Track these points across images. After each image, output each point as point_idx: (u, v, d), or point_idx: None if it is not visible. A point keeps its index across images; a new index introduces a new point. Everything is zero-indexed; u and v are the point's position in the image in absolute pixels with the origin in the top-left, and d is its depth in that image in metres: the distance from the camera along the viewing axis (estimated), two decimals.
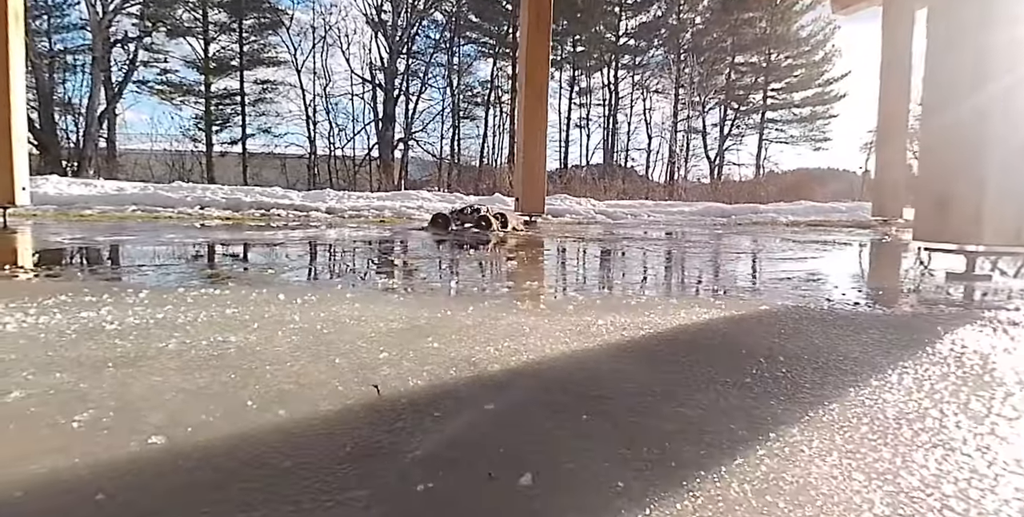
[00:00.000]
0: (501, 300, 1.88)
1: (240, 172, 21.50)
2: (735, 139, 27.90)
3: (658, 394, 1.00)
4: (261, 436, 0.79)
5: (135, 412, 0.84)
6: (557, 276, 2.67)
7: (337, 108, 25.95)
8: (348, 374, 1.05)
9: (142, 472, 0.68)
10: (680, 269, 3.03)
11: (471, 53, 25.96)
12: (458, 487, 0.66)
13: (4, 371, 1.01)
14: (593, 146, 27.23)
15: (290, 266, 2.67)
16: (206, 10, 21.28)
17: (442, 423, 0.84)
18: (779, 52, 27.27)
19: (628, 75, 27.67)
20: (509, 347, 1.26)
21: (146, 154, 19.84)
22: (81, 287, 1.86)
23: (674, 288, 2.37)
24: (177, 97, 21.40)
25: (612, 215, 9.75)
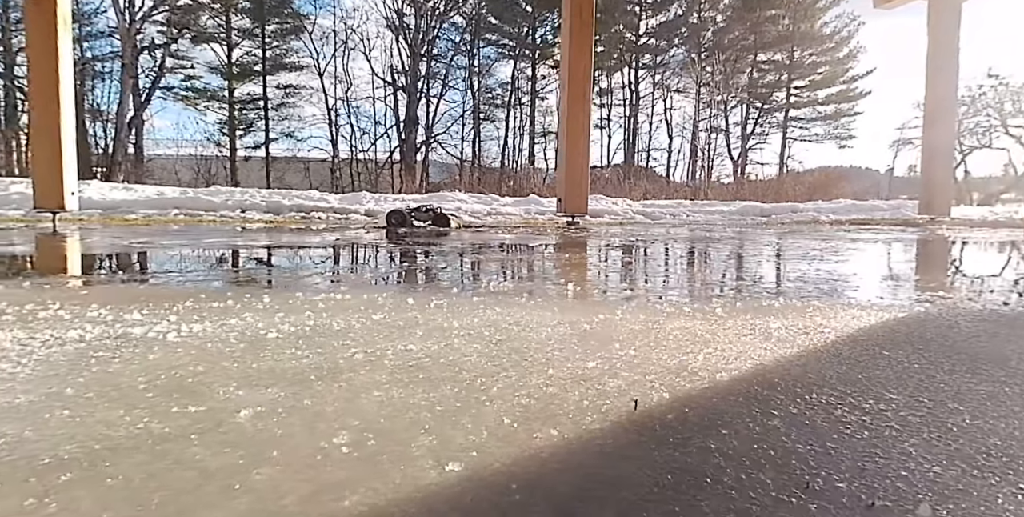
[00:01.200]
0: (635, 303, 1.77)
1: (263, 176, 21.58)
2: (758, 138, 27.60)
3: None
4: (551, 456, 0.69)
5: (391, 433, 0.75)
6: (652, 278, 2.56)
7: (359, 111, 26.02)
8: (573, 386, 0.94)
9: (469, 504, 0.58)
10: (777, 269, 2.91)
11: (491, 55, 25.92)
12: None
13: (208, 385, 0.92)
14: (614, 147, 27.06)
15: (379, 269, 2.58)
16: (229, 16, 21.39)
17: (725, 437, 0.74)
18: (802, 49, 26.93)
19: (649, 75, 27.50)
20: (711, 355, 1.15)
21: (172, 159, 19.97)
22: (195, 293, 1.78)
23: (795, 289, 2.25)
24: (202, 102, 21.53)
25: (650, 215, 9.62)
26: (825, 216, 9.82)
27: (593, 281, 2.34)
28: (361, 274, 2.36)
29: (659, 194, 17.95)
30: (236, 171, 21.22)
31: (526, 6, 25.40)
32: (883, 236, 5.34)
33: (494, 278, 2.33)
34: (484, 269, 2.65)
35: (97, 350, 1.10)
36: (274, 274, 2.40)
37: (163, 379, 0.94)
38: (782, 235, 5.42)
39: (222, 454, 0.68)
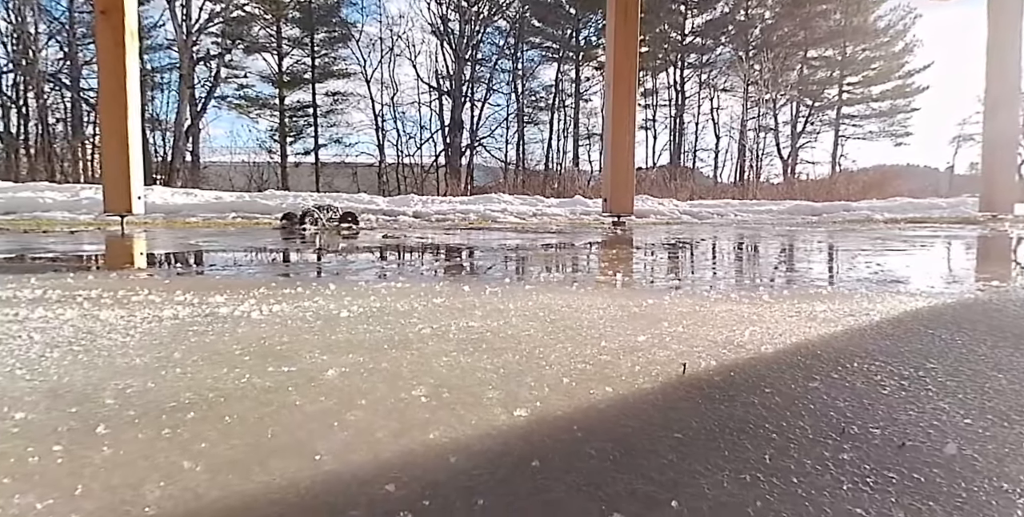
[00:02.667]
0: (682, 291, 1.83)
1: (313, 181, 22.14)
2: (809, 136, 26.98)
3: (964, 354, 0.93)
4: (608, 408, 0.76)
5: (464, 388, 0.84)
6: (699, 270, 2.60)
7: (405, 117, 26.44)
8: (625, 355, 1.02)
9: (541, 443, 0.66)
10: (825, 263, 2.91)
11: (535, 58, 26.03)
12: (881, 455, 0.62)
13: (295, 351, 1.02)
14: (660, 148, 26.83)
15: (434, 264, 2.69)
16: (280, 26, 22.07)
17: (768, 397, 0.80)
18: (855, 44, 26.21)
19: (695, 74, 27.19)
20: (757, 331, 1.21)
21: (227, 166, 20.67)
22: (266, 282, 1.91)
23: (843, 280, 2.26)
24: (254, 110, 22.27)
25: (697, 215, 9.55)
26: (879, 215, 9.58)
27: (641, 273, 2.40)
28: (418, 268, 2.48)
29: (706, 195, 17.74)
30: (287, 177, 21.83)
31: (569, 8, 25.45)
32: (940, 233, 5.22)
33: (542, 271, 2.41)
34: (532, 266, 2.73)
35: (191, 325, 1.23)
36: (335, 267, 2.53)
37: (254, 347, 1.05)
38: (832, 233, 5.34)
39: (318, 401, 0.78)
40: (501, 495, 0.55)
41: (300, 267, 2.59)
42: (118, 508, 0.51)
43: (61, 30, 16.90)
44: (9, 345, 1.03)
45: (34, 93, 16.03)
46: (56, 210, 6.15)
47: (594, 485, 0.56)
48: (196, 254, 3.20)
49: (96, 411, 0.74)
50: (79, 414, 0.73)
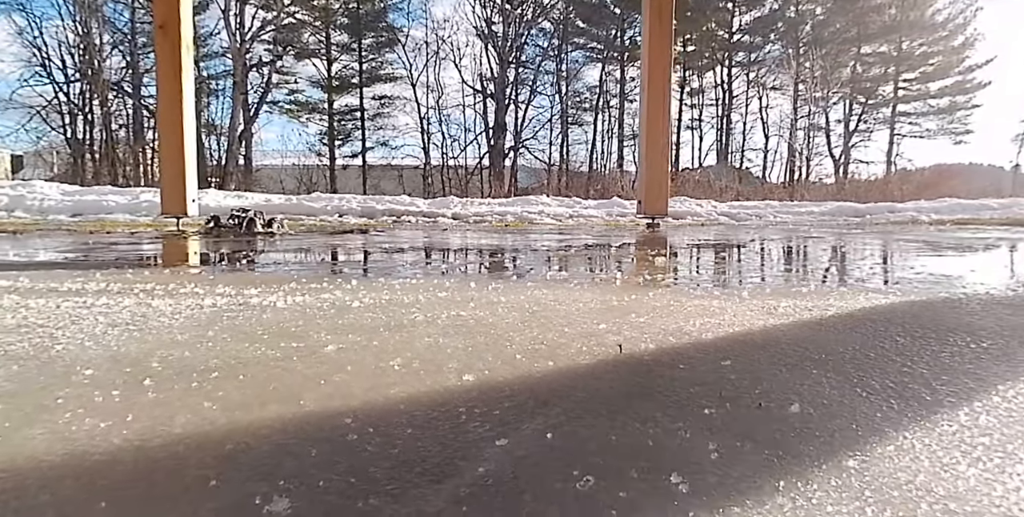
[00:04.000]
0: (671, 288, 1.99)
1: (360, 184, 22.72)
2: (862, 135, 26.28)
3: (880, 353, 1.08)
4: (547, 380, 0.95)
5: (432, 361, 1.03)
6: (701, 270, 2.73)
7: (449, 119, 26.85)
8: (580, 338, 1.20)
9: (475, 398, 0.85)
10: (829, 265, 3.00)
11: (579, 59, 26.10)
12: (736, 414, 0.79)
13: (305, 332, 1.24)
14: (706, 148, 26.55)
15: (454, 263, 2.90)
16: (329, 32, 22.73)
17: (683, 372, 0.97)
18: (912, 39, 25.41)
19: (742, 73, 26.81)
20: (710, 322, 1.37)
21: (277, 169, 21.41)
22: (297, 278, 2.15)
23: (834, 280, 2.38)
24: (304, 115, 23.00)
25: (735, 216, 9.54)
26: (926, 216, 9.39)
27: (643, 272, 2.56)
28: (432, 264, 2.69)
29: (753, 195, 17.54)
30: (335, 179, 22.47)
31: (614, 8, 25.44)
32: (980, 235, 5.18)
33: (551, 270, 2.59)
34: (543, 265, 2.91)
35: (226, 311, 1.46)
36: (364, 265, 2.77)
37: (273, 328, 1.27)
38: (864, 235, 5.35)
39: (314, 367, 0.99)
40: (428, 429, 0.74)
41: (334, 265, 2.83)
42: (157, 427, 0.73)
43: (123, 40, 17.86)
44: (80, 325, 1.28)
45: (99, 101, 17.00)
46: (118, 212, 6.62)
47: (505, 425, 0.75)
48: (240, 253, 3.49)
49: (144, 371, 0.96)
50: (131, 373, 0.95)
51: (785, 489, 0.60)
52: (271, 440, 0.71)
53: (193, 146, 6.37)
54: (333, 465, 0.65)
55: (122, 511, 0.56)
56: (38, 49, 17.17)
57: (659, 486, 0.60)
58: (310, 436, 0.72)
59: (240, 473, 0.63)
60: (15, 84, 16.94)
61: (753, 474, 0.63)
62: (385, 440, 0.71)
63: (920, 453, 0.68)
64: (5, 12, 16.80)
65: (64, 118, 17.11)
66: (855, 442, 0.71)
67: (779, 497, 0.58)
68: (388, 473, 0.63)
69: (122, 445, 0.69)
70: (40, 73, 17.15)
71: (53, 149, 17.27)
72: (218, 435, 0.72)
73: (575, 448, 0.69)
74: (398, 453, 0.68)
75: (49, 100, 17.03)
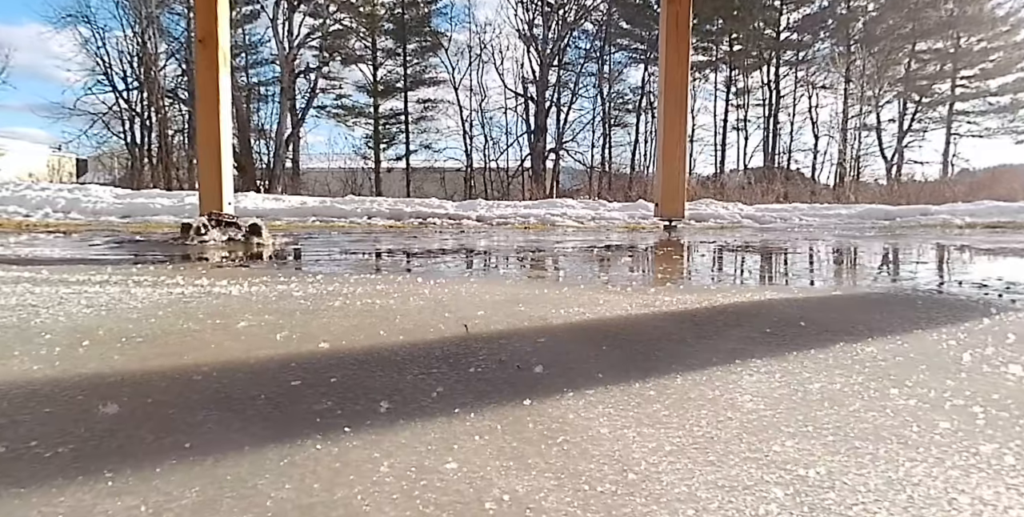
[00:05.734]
0: (591, 284, 2.23)
1: (404, 186, 23.31)
2: (916, 135, 25.48)
3: (686, 336, 1.32)
4: (388, 347, 1.23)
5: (312, 335, 1.32)
6: (664, 268, 2.95)
7: (492, 122, 27.25)
8: (452, 322, 1.47)
9: (318, 359, 1.14)
10: (784, 265, 3.18)
11: (622, 60, 26.13)
12: (498, 371, 1.05)
13: (235, 313, 1.54)
14: (752, 149, 26.17)
15: (428, 263, 3.19)
16: (375, 38, 23.42)
17: (505, 344, 1.23)
18: (970, 35, 24.50)
19: (791, 72, 26.33)
20: (579, 311, 1.62)
21: (324, 172, 22.16)
22: (276, 273, 2.48)
23: (752, 279, 2.57)
24: (350, 119, 23.75)
25: (759, 219, 9.55)
26: (959, 219, 9.22)
27: (599, 271, 2.80)
28: (402, 262, 2.99)
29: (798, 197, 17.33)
30: (380, 182, 23.13)
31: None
32: (995, 238, 5.19)
33: (516, 269, 2.85)
34: (512, 265, 3.17)
35: (187, 298, 1.78)
36: (339, 263, 3.09)
37: (212, 311, 1.59)
38: (868, 239, 5.43)
39: (217, 336, 1.29)
40: (255, 377, 1.03)
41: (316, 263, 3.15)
42: (72, 369, 1.04)
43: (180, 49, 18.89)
44: (64, 306, 1.62)
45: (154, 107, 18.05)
46: (164, 214, 7.16)
47: (317, 373, 1.04)
48: (248, 251, 3.87)
49: (89, 337, 1.28)
50: (79, 338, 1.27)
51: (477, 402, 0.86)
52: (142, 377, 1.01)
53: (229, 152, 6.84)
54: (164, 390, 0.94)
55: (30, 417, 0.86)
56: (101, 59, 18.38)
57: (402, 399, 0.87)
58: (165, 376, 1.02)
59: (97, 394, 0.92)
60: (80, 92, 18.18)
61: (472, 399, 0.89)
62: (219, 380, 1.00)
63: (587, 402, 0.93)
64: (71, 24, 17.99)
65: (124, 124, 18.29)
66: (551, 390, 0.96)
67: (478, 403, 0.84)
68: (210, 397, 0.92)
69: (42, 379, 1.00)
70: (102, 81, 18.36)
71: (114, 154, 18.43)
72: (112, 375, 1.02)
73: (368, 385, 0.97)
74: (222, 387, 0.97)
75: (110, 107, 18.22)
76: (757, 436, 0.77)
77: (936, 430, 0.80)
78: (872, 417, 0.84)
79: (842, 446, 0.74)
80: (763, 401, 0.90)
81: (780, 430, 0.79)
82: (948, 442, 0.76)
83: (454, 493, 0.61)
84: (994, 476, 0.67)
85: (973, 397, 0.93)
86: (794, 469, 0.67)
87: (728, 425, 0.80)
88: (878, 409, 0.88)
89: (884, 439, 0.76)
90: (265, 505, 0.59)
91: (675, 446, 0.73)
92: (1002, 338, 1.35)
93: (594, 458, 0.69)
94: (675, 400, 0.91)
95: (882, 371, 1.08)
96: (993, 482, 0.65)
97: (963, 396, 0.94)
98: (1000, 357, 1.18)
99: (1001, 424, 0.82)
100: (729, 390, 0.95)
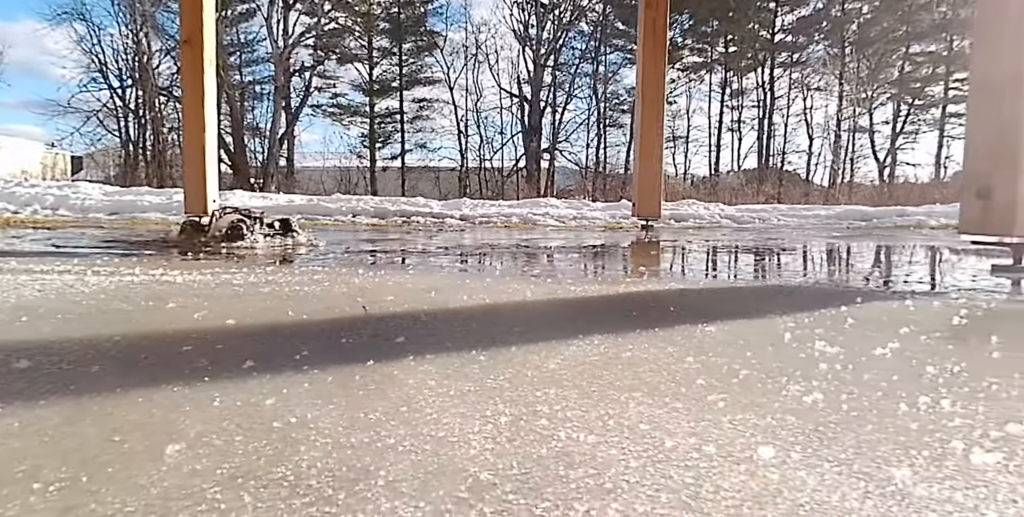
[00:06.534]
0: (523, 277, 2.42)
1: (399, 185, 23.47)
2: (908, 137, 25.68)
3: (563, 318, 1.50)
4: (287, 324, 1.42)
5: (226, 314, 1.51)
6: (609, 265, 3.14)
7: (487, 122, 27.42)
8: (359, 306, 1.66)
9: (219, 331, 1.33)
10: (712, 259, 3.37)
11: (617, 61, 26.28)
12: (367, 341, 1.24)
13: (170, 297, 1.74)
14: (746, 150, 26.33)
15: (383, 257, 3.38)
16: (371, 37, 23.58)
17: (391, 322, 1.42)
18: (963, 38, 24.66)
19: (785, 74, 26.50)
20: (481, 297, 1.81)
21: (319, 171, 22.32)
22: (228, 264, 2.67)
23: (675, 274, 2.76)
24: (346, 118, 23.91)
25: (739, 219, 9.73)
26: (935, 220, 9.40)
27: (525, 266, 2.99)
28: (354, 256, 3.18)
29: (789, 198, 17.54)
30: (375, 181, 23.29)
31: None
32: (952, 238, 5.38)
33: (448, 261, 3.04)
34: (451, 255, 3.36)
35: (134, 284, 1.97)
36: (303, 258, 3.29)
37: (151, 294, 1.78)
38: (840, 239, 5.62)
39: (144, 315, 1.48)
40: (158, 347, 1.22)
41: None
42: (4, 337, 1.23)
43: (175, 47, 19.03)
44: (20, 291, 1.81)
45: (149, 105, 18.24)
46: (152, 211, 7.35)
47: (224, 351, 1.22)
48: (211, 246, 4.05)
49: (29, 314, 1.47)
50: (19, 314, 1.46)
51: (330, 363, 1.05)
52: (61, 344, 1.20)
53: (214, 151, 7.00)
54: (74, 353, 1.13)
55: None
56: (96, 56, 18.56)
57: (267, 360, 1.06)
58: (81, 343, 1.21)
59: (17, 354, 1.11)
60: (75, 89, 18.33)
61: (327, 361, 1.08)
62: (125, 346, 1.19)
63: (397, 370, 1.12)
64: (67, 21, 18.17)
65: (119, 122, 18.47)
66: (398, 355, 1.15)
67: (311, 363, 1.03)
68: (110, 358, 1.11)
69: None
70: (97, 79, 18.53)
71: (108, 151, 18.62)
72: (36, 341, 1.21)
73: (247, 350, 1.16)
74: (122, 351, 1.15)
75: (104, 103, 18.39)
76: (533, 386, 0.96)
77: (692, 385, 0.99)
78: (647, 376, 1.03)
79: (597, 394, 0.93)
80: (567, 364, 1.09)
81: (556, 383, 0.98)
82: (689, 393, 0.95)
83: (256, 417, 0.80)
84: (700, 415, 0.85)
85: (750, 364, 1.12)
86: (539, 408, 0.86)
87: (519, 380, 0.99)
88: (659, 371, 1.07)
89: (634, 390, 0.95)
90: (115, 424, 0.77)
91: (459, 391, 0.92)
92: (840, 322, 1.54)
93: (388, 398, 0.88)
94: (496, 363, 1.10)
95: (698, 345, 1.27)
96: (701, 416, 0.84)
97: (743, 363, 1.13)
98: (816, 337, 1.37)
99: (751, 384, 1.01)
100: (549, 357, 1.14)
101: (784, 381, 1.02)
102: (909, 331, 1.43)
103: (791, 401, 0.91)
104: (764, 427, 0.80)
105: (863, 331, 1.44)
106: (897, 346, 1.26)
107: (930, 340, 1.36)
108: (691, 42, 26.46)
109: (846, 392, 0.96)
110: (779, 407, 0.89)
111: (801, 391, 0.96)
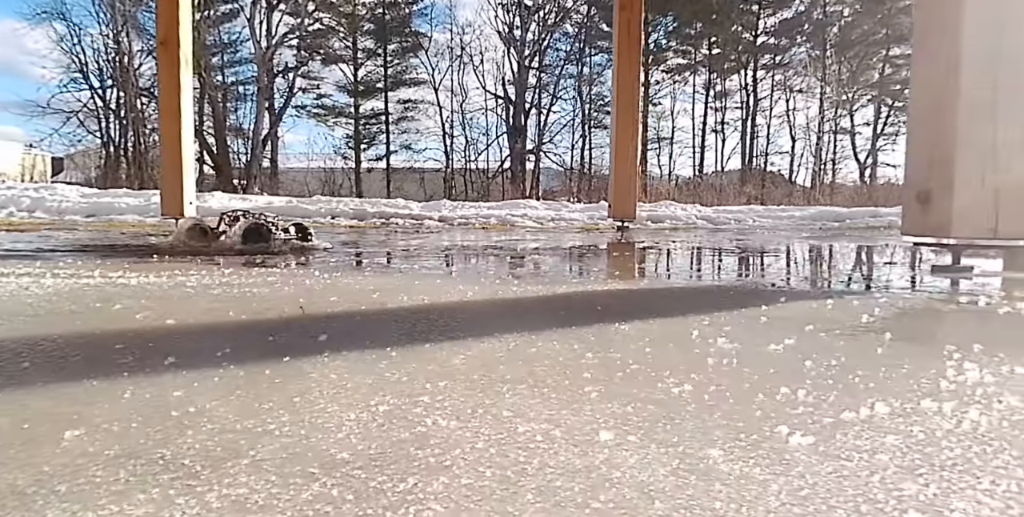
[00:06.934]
0: (474, 278, 2.51)
1: (384, 186, 23.51)
2: (888, 138, 26.06)
3: (491, 316, 1.59)
4: (224, 323, 1.49)
5: (168, 315, 1.59)
6: (562, 265, 3.24)
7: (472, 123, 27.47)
8: (298, 306, 1.74)
9: (155, 331, 1.41)
10: (671, 261, 3.47)
11: (601, 62, 26.44)
12: (294, 339, 1.32)
13: (120, 299, 1.81)
14: (729, 151, 26.60)
15: (343, 259, 3.46)
16: (355, 38, 23.62)
17: (324, 321, 1.51)
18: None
19: (768, 75, 26.79)
20: (421, 298, 1.89)
21: (303, 172, 22.32)
22: (187, 266, 2.74)
23: (624, 275, 2.86)
24: (330, 119, 23.93)
25: (715, 220, 9.88)
26: None
27: (483, 267, 3.08)
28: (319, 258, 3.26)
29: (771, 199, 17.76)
30: (360, 182, 23.32)
31: None
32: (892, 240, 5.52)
33: (412, 262, 3.13)
34: (411, 255, 3.45)
35: (90, 286, 2.04)
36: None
37: (103, 296, 1.85)
38: (807, 240, 5.75)
39: (92, 315, 1.56)
40: (108, 344, 1.29)
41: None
42: None
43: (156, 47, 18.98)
44: None
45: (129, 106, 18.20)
46: (129, 213, 7.38)
47: (152, 349, 1.30)
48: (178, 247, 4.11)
49: None
50: None
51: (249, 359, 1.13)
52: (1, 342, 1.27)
53: (191, 153, 7.05)
54: (11, 351, 1.20)
55: None
56: (76, 56, 18.50)
57: (189, 357, 1.14)
58: (19, 341, 1.28)
59: None
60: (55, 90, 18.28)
61: (246, 358, 1.16)
62: (61, 345, 1.26)
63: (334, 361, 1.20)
64: (47, 20, 18.10)
65: (99, 122, 18.42)
66: (316, 352, 1.24)
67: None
68: (43, 356, 1.18)
69: None
70: (77, 79, 18.47)
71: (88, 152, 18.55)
72: None
73: (174, 347, 1.24)
74: (58, 348, 1.23)
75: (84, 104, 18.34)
76: (427, 379, 1.04)
77: (577, 378, 1.08)
78: (540, 371, 1.12)
79: (482, 387, 1.02)
80: (471, 360, 1.18)
81: (450, 377, 1.06)
82: (571, 385, 1.04)
83: (160, 407, 0.88)
84: (568, 404, 0.94)
85: (644, 360, 1.21)
86: (422, 399, 0.95)
87: (417, 374, 1.08)
88: (553, 366, 1.16)
89: (520, 382, 1.04)
90: (28, 414, 0.85)
91: (356, 384, 1.01)
92: (754, 320, 1.64)
93: (286, 390, 0.97)
94: (405, 359, 1.18)
95: (606, 342, 1.36)
96: (568, 405, 0.93)
97: (638, 359, 1.22)
98: (722, 334, 1.46)
99: (633, 377, 1.10)
100: (457, 353, 1.23)
101: (666, 374, 1.11)
102: (812, 328, 1.53)
103: (660, 392, 1.01)
104: (620, 415, 0.89)
105: (770, 329, 1.54)
106: (792, 342, 1.36)
107: (827, 337, 1.46)
108: (675, 44, 26.71)
109: (716, 384, 1.06)
110: (645, 397, 0.98)
111: (675, 383, 1.05)
